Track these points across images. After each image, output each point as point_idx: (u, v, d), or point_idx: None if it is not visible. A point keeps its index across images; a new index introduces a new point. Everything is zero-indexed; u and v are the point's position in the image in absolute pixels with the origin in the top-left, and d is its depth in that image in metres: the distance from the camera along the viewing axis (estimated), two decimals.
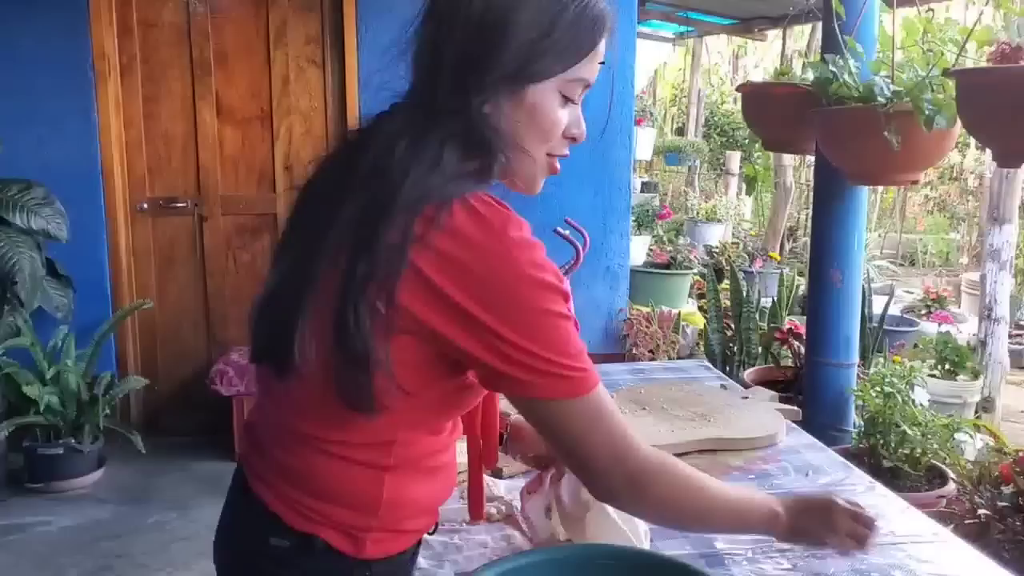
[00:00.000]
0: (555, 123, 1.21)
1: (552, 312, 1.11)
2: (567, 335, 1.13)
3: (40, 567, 3.52)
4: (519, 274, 1.09)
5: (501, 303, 1.09)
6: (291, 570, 1.24)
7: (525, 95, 1.17)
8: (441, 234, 1.08)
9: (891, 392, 2.91)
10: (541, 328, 1.11)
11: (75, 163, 4.49)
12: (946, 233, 10.60)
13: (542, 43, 1.15)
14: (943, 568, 1.45)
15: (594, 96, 4.70)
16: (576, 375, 1.13)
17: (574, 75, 1.19)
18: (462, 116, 1.15)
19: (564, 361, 1.12)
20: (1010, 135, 2.03)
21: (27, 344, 4.09)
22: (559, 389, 1.13)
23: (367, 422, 1.16)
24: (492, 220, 1.10)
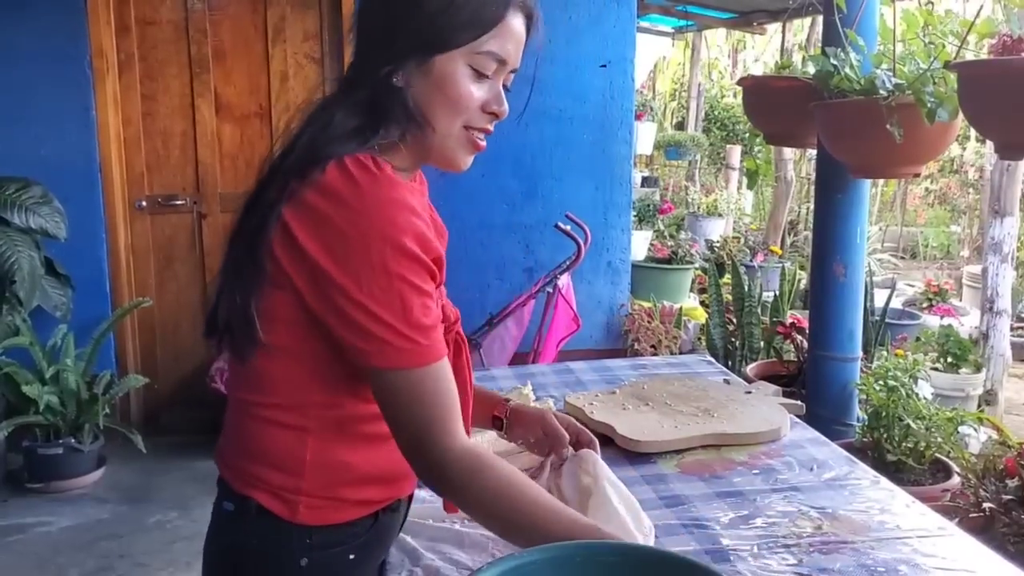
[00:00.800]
0: (463, 95, 1.23)
1: (399, 276, 1.14)
2: (409, 303, 1.15)
3: (41, 567, 3.51)
4: (375, 232, 1.12)
5: (351, 258, 1.13)
6: (235, 534, 1.32)
7: (433, 66, 1.21)
8: (311, 190, 1.15)
9: (895, 386, 2.90)
10: (384, 290, 1.13)
11: (73, 161, 4.48)
12: (947, 226, 10.59)
13: (445, 13, 1.19)
14: (949, 562, 1.43)
15: (593, 92, 4.70)
16: (407, 346, 1.15)
17: (482, 48, 1.21)
18: (368, 85, 1.22)
19: (399, 328, 1.14)
20: (1011, 127, 2.02)
21: (26, 343, 4.08)
22: (387, 357, 1.15)
23: (275, 382, 1.24)
24: (360, 178, 1.15)
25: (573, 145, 4.82)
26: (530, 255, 4.88)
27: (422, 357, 1.16)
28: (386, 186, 1.16)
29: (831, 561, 1.43)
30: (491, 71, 1.24)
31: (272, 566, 1.29)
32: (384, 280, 1.13)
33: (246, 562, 1.31)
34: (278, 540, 1.28)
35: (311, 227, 1.15)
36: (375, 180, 1.15)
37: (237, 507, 1.30)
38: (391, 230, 1.13)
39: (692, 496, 1.69)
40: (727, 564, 1.42)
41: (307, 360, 1.23)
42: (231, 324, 1.23)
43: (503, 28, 1.22)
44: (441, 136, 1.25)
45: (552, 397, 2.16)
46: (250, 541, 1.30)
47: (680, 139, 9.21)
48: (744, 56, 13.01)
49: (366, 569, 1.38)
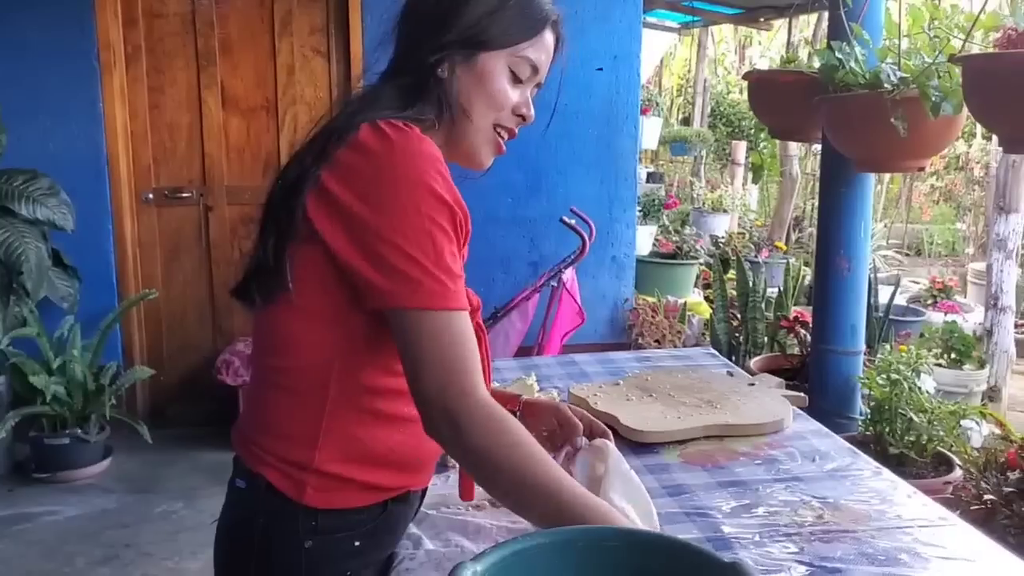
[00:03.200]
0: (502, 92, 1.34)
1: (431, 219, 1.18)
2: (440, 246, 1.18)
3: (48, 556, 3.53)
4: (406, 177, 1.18)
5: (384, 202, 1.17)
6: (244, 511, 1.35)
7: (478, 61, 1.31)
8: (344, 148, 1.21)
9: (897, 379, 2.91)
10: (417, 230, 1.17)
11: (80, 153, 4.50)
12: (952, 223, 10.57)
13: (496, 15, 1.31)
14: (950, 552, 1.44)
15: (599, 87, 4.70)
16: (435, 287, 1.17)
17: (522, 53, 1.34)
18: (414, 70, 1.31)
19: (431, 268, 1.17)
20: (1017, 120, 2.03)
21: (33, 334, 4.10)
22: (415, 297, 1.17)
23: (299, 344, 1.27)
24: (391, 134, 1.20)
25: (578, 139, 4.82)
26: (535, 249, 4.88)
27: (451, 300, 1.19)
28: (415, 140, 1.21)
29: (832, 550, 1.44)
30: (525, 77, 1.36)
31: (276, 545, 1.31)
32: (417, 221, 1.17)
33: (252, 539, 1.32)
34: (284, 520, 1.29)
35: (344, 179, 1.20)
36: (405, 135, 1.21)
37: (248, 484, 1.33)
38: (422, 176, 1.18)
39: (695, 485, 1.69)
40: (729, 551, 1.43)
41: (331, 321, 1.25)
42: (261, 270, 1.26)
43: (540, 40, 1.36)
44: (475, 128, 1.34)
45: (556, 388, 2.17)
46: (257, 519, 1.32)
47: (686, 135, 9.20)
48: (751, 52, 12.99)
49: (372, 558, 1.38)
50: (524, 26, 1.33)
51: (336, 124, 1.26)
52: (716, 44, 11.94)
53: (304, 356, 1.27)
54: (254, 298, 1.31)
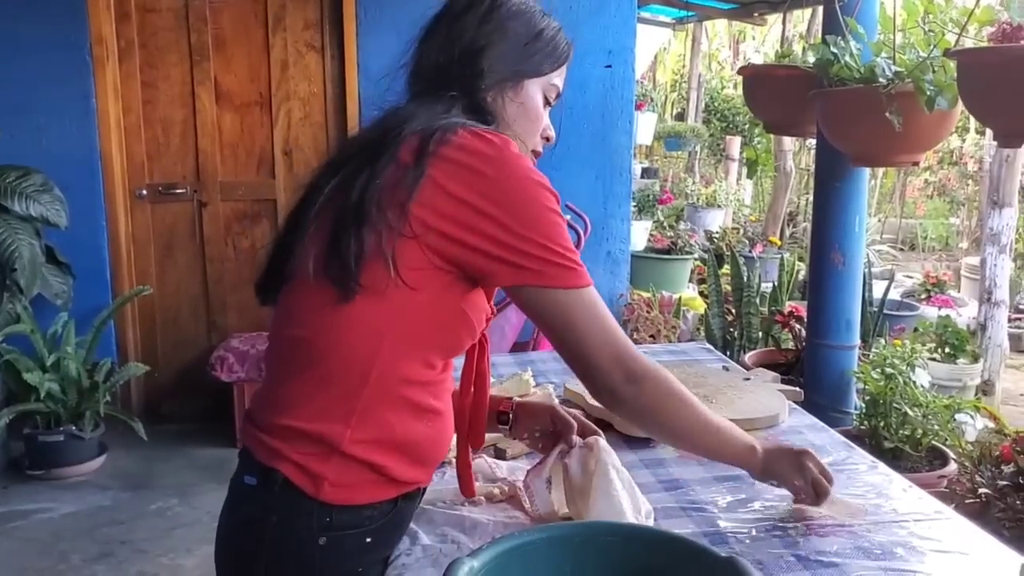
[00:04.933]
0: (540, 116, 1.45)
1: (551, 209, 1.28)
2: (564, 232, 1.29)
3: (42, 554, 3.52)
4: (521, 175, 1.27)
5: (507, 198, 1.25)
6: (255, 508, 1.33)
7: (522, 87, 1.41)
8: (450, 148, 1.25)
9: (892, 373, 2.92)
10: (542, 220, 1.26)
11: (74, 149, 4.48)
12: (946, 218, 10.60)
13: (533, 46, 1.41)
14: (945, 545, 1.44)
15: (594, 82, 4.69)
16: (574, 266, 1.28)
17: (553, 80, 1.45)
18: (467, 96, 1.37)
19: (563, 251, 1.27)
20: (1011, 114, 2.03)
21: (27, 331, 4.09)
22: (559, 277, 1.27)
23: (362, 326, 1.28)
24: (494, 138, 1.28)
25: (573, 135, 4.81)
26: None
27: (587, 277, 1.30)
28: (514, 144, 1.30)
29: (828, 544, 1.45)
30: (553, 99, 1.47)
31: (291, 542, 1.31)
32: (541, 213, 1.27)
33: (264, 537, 1.32)
34: (299, 516, 1.30)
35: (461, 178, 1.25)
36: (507, 141, 1.29)
37: (260, 480, 1.32)
38: (533, 175, 1.28)
39: (690, 480, 1.70)
40: (725, 546, 1.43)
41: (397, 312, 1.28)
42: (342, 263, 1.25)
43: (564, 67, 1.47)
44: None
45: (552, 384, 2.17)
46: (270, 516, 1.31)
47: (680, 130, 9.19)
48: (745, 47, 12.99)
49: (380, 555, 1.40)
50: (557, 54, 1.44)
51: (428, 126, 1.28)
52: (710, 39, 11.93)
53: (358, 342, 1.29)
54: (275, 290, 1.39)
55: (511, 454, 1.81)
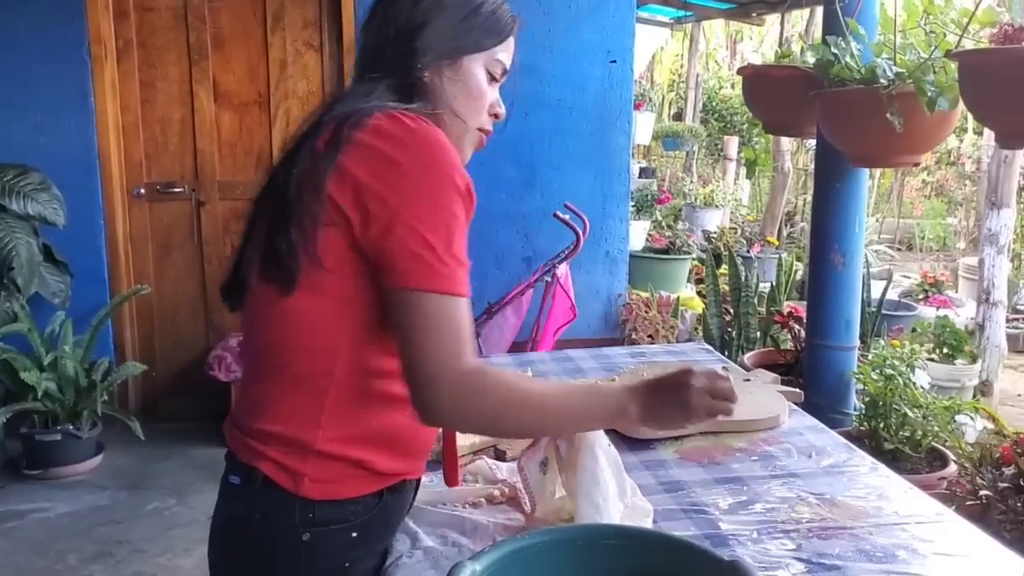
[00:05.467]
0: (484, 93, 1.41)
1: (448, 208, 1.23)
2: (453, 233, 1.23)
3: (39, 553, 3.52)
4: (430, 167, 1.23)
5: (406, 187, 1.21)
6: (239, 506, 1.35)
7: (461, 64, 1.38)
8: (364, 132, 1.24)
9: (892, 375, 2.91)
10: (433, 216, 1.21)
11: (72, 148, 4.47)
12: (943, 218, 10.59)
13: (472, 20, 1.37)
14: (947, 548, 1.44)
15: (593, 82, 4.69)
16: (447, 272, 1.22)
17: (496, 55, 1.41)
18: (402, 76, 1.34)
19: (443, 255, 1.21)
20: (1012, 115, 2.03)
21: (24, 330, 4.08)
22: (426, 279, 1.21)
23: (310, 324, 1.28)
24: (412, 123, 1.25)
25: (572, 135, 4.81)
26: (529, 244, 4.88)
27: (456, 286, 1.23)
28: (435, 130, 1.26)
29: (830, 546, 1.45)
30: (498, 75, 1.44)
31: (274, 539, 1.32)
32: (435, 208, 1.22)
33: (249, 535, 1.33)
34: (281, 513, 1.30)
35: (368, 163, 1.22)
36: (425, 125, 1.26)
37: (242, 480, 1.33)
38: (443, 166, 1.24)
39: (691, 482, 1.70)
40: (726, 549, 1.43)
41: (346, 303, 1.28)
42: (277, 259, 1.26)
43: (510, 40, 1.43)
44: (460, 132, 1.40)
45: None
46: (253, 514, 1.33)
47: (678, 130, 9.18)
48: (742, 47, 12.99)
49: (369, 550, 1.39)
50: (498, 28, 1.40)
51: (344, 111, 1.28)
52: (707, 39, 11.93)
53: (312, 338, 1.29)
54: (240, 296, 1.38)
55: (511, 455, 1.80)
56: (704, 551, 1.14)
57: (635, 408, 1.31)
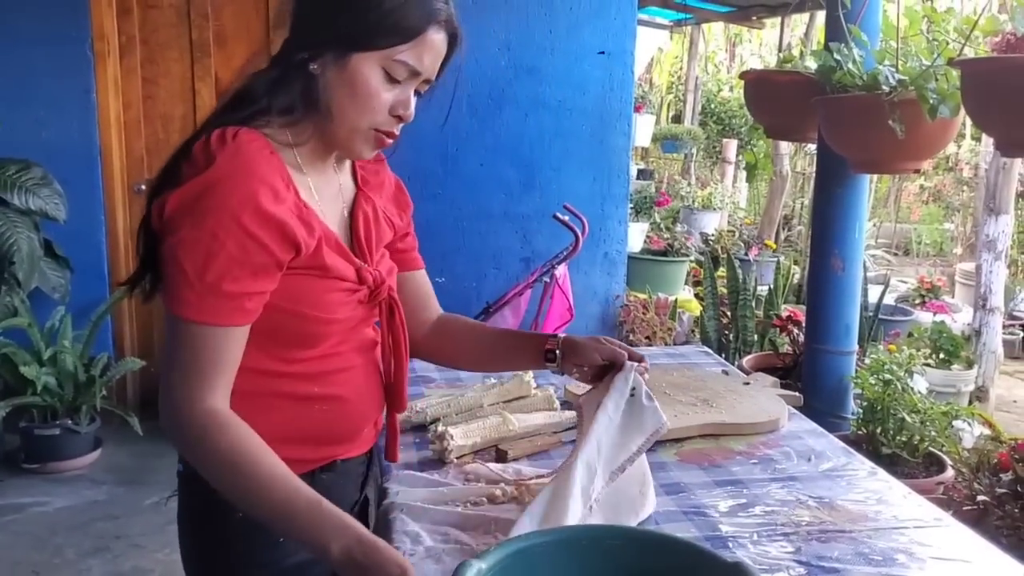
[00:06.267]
0: (373, 96, 1.29)
1: (216, 238, 1.20)
2: (212, 263, 1.20)
3: (37, 547, 3.52)
4: (214, 198, 1.20)
5: (185, 213, 1.21)
6: (184, 493, 1.45)
7: (348, 62, 1.27)
8: (186, 161, 1.25)
9: (890, 380, 2.93)
10: (195, 245, 1.20)
11: (73, 144, 4.48)
12: (941, 223, 10.62)
13: (369, 15, 1.26)
14: (945, 552, 1.46)
15: (593, 84, 4.70)
16: (190, 297, 1.21)
17: (397, 55, 1.28)
18: (285, 65, 1.30)
19: (192, 280, 1.20)
20: (1014, 124, 2.04)
21: (24, 325, 4.08)
22: (171, 301, 1.23)
23: None
24: (216, 148, 1.23)
25: (572, 136, 4.82)
26: (527, 245, 4.89)
27: (199, 310, 1.22)
28: (238, 155, 1.23)
29: (829, 550, 1.46)
30: (403, 78, 1.31)
31: (212, 520, 1.39)
32: (200, 236, 1.20)
33: (193, 517, 1.44)
34: (216, 496, 1.31)
35: (176, 194, 1.22)
36: (227, 149, 1.23)
37: (184, 467, 1.42)
38: (227, 199, 1.20)
39: (692, 484, 1.71)
40: (726, 551, 1.44)
41: None
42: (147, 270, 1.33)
43: (421, 41, 1.29)
44: (346, 131, 1.32)
45: (552, 385, 2.18)
46: (194, 498, 1.42)
47: (677, 132, 9.21)
48: (741, 50, 13.02)
49: None
50: (400, 28, 1.27)
51: (193, 136, 1.30)
52: (707, 42, 11.96)
53: None
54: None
55: (512, 455, 1.81)
56: (708, 553, 1.15)
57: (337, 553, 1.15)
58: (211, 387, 1.24)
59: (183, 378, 1.23)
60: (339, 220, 1.42)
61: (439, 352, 1.73)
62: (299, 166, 1.34)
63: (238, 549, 1.39)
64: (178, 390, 1.23)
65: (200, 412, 1.23)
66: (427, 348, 1.70)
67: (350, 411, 1.44)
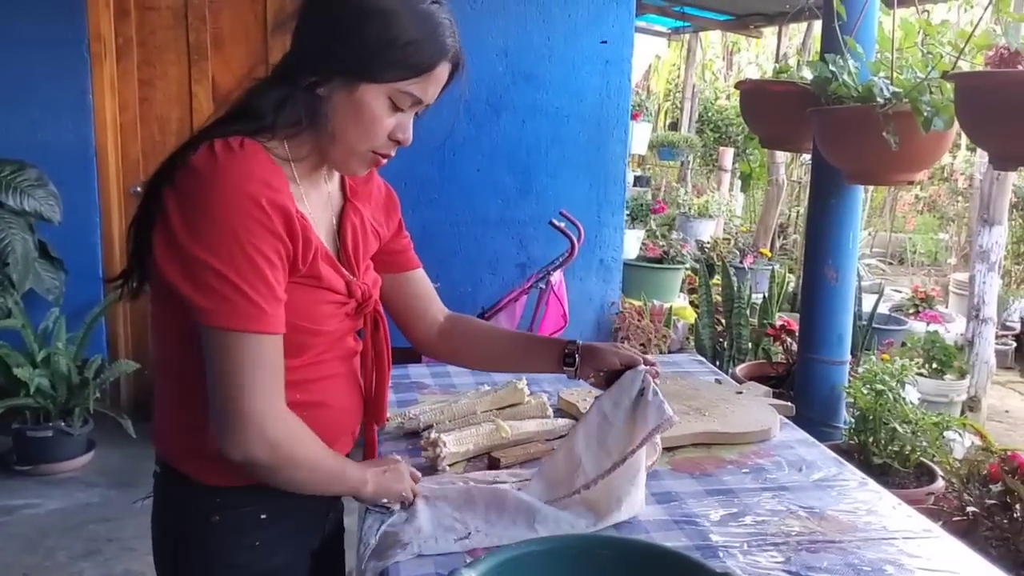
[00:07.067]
0: (376, 123, 1.32)
1: (248, 242, 1.21)
2: (257, 267, 1.22)
3: (28, 550, 3.52)
4: (226, 199, 1.21)
5: (202, 225, 1.21)
6: (160, 495, 1.46)
7: (357, 90, 1.30)
8: (182, 169, 1.25)
9: (882, 390, 2.93)
10: (232, 253, 1.20)
11: (69, 145, 4.48)
12: (935, 233, 10.65)
13: (383, 50, 1.28)
14: (934, 564, 1.46)
15: (591, 91, 4.70)
16: (241, 304, 1.21)
17: (406, 88, 1.31)
18: (291, 85, 1.31)
19: (245, 289, 1.21)
20: (1007, 138, 2.05)
21: (18, 326, 4.08)
22: (226, 316, 1.21)
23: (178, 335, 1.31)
24: (221, 155, 1.23)
25: (569, 142, 4.83)
26: (523, 251, 4.89)
27: (252, 320, 1.23)
28: (243, 161, 1.24)
29: (818, 560, 1.46)
30: (406, 107, 1.34)
31: (188, 523, 1.40)
32: (233, 243, 1.20)
33: (169, 520, 1.44)
34: (191, 499, 1.39)
35: (177, 201, 1.23)
36: (233, 156, 1.24)
37: (161, 471, 1.45)
38: (241, 199, 1.21)
39: (683, 493, 1.71)
40: (717, 560, 1.44)
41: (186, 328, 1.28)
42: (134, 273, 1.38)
43: (429, 75, 1.33)
44: (345, 152, 1.35)
45: (546, 392, 2.18)
46: (170, 500, 1.43)
47: (673, 140, 9.23)
48: (739, 59, 13.04)
49: (283, 528, 1.45)
50: (413, 63, 1.30)
51: (189, 141, 1.30)
52: (704, 50, 11.98)
53: (183, 347, 1.31)
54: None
55: (505, 463, 1.81)
56: (697, 563, 1.16)
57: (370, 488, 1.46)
58: (270, 397, 1.27)
59: (263, 393, 1.25)
60: (327, 230, 1.43)
61: (455, 354, 1.77)
62: (295, 178, 1.35)
63: (215, 552, 1.40)
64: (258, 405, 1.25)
65: (284, 422, 1.29)
66: (442, 350, 1.74)
67: (331, 418, 1.46)
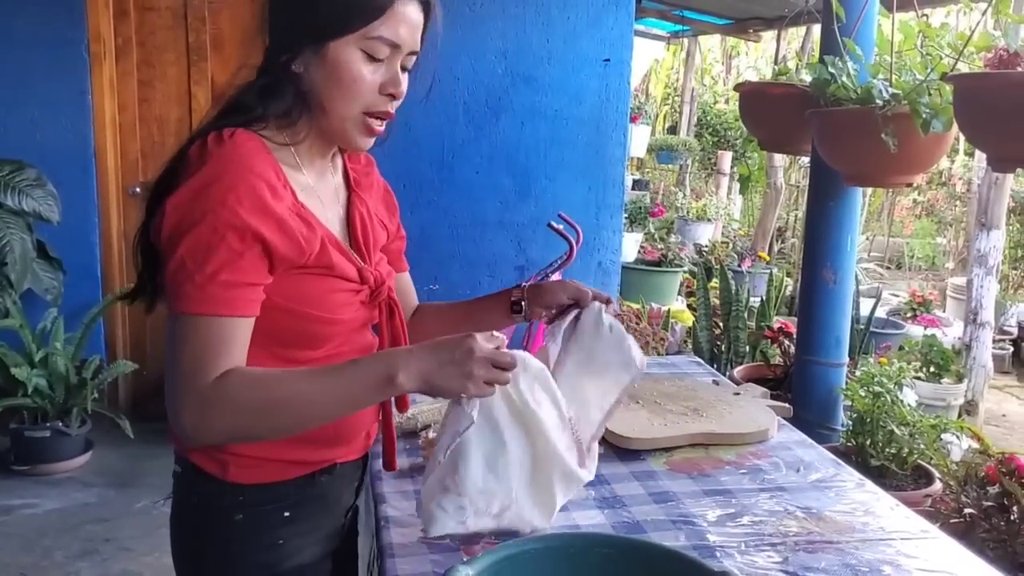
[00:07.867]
0: (358, 80, 1.29)
1: (216, 232, 1.19)
2: (211, 254, 1.19)
3: (25, 550, 3.51)
4: (209, 190, 1.20)
5: (184, 217, 1.20)
6: (181, 493, 1.45)
7: (327, 52, 1.27)
8: (183, 163, 1.26)
9: (880, 392, 2.94)
10: (197, 241, 1.19)
11: (68, 145, 4.48)
12: (933, 237, 10.66)
13: (334, 4, 1.26)
14: (931, 564, 1.46)
15: (590, 93, 4.71)
16: (190, 290, 1.19)
17: (373, 33, 1.27)
18: (271, 70, 1.31)
19: (192, 271, 1.19)
20: (1006, 140, 2.05)
21: (16, 326, 4.08)
22: (173, 300, 1.21)
23: None
24: (213, 148, 1.24)
25: (568, 145, 4.83)
26: (521, 253, 4.89)
27: (203, 304, 1.20)
28: (235, 153, 1.24)
29: (816, 560, 1.46)
30: (384, 55, 1.30)
31: (210, 521, 1.40)
32: (199, 231, 1.19)
33: (190, 518, 1.43)
34: (213, 497, 1.38)
35: (174, 195, 1.23)
36: (223, 147, 1.24)
37: (182, 469, 1.42)
38: (225, 194, 1.20)
39: (680, 493, 1.71)
40: (714, 560, 1.45)
41: None
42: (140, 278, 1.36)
43: (393, 14, 1.28)
44: (339, 119, 1.32)
45: None
46: (191, 499, 1.42)
47: (672, 143, 9.24)
48: (737, 63, 13.06)
49: (305, 527, 1.44)
50: (367, 5, 1.27)
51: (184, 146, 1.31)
52: (703, 54, 12.00)
53: None
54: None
55: None
56: (696, 562, 1.16)
57: (405, 376, 1.22)
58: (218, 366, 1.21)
59: (190, 372, 1.20)
60: (337, 220, 1.43)
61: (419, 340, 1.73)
62: (297, 165, 1.34)
63: (238, 551, 1.40)
64: (185, 385, 1.21)
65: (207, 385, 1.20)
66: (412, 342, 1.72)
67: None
